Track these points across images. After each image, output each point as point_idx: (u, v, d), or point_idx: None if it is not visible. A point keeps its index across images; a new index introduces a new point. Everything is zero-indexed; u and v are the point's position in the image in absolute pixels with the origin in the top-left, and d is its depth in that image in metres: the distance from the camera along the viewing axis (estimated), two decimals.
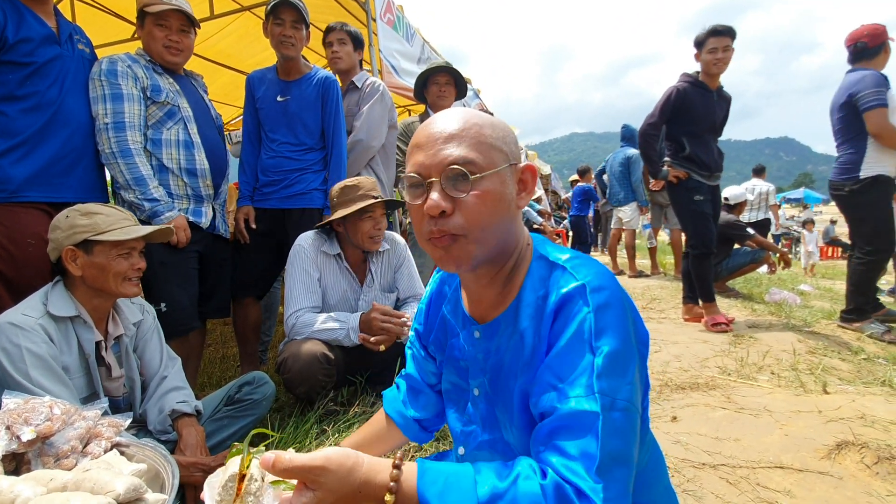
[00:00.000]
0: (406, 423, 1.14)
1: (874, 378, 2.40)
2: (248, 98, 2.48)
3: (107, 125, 1.84)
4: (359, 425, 1.82)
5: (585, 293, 0.73)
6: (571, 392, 0.68)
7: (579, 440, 0.65)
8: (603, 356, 0.69)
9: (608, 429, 0.65)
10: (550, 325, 0.76)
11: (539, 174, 8.76)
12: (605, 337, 0.70)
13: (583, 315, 0.71)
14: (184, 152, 2.03)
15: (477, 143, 0.75)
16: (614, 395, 0.67)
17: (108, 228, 1.37)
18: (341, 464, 0.62)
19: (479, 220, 0.75)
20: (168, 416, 1.43)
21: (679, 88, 3.26)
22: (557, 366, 0.72)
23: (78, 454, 0.88)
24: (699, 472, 1.61)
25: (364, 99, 2.71)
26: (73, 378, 1.28)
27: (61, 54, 1.77)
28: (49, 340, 1.23)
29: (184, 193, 2.04)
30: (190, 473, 1.29)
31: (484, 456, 0.92)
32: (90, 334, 1.37)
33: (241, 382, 1.73)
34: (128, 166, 1.85)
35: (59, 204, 1.76)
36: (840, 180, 3.15)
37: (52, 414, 0.87)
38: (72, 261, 1.35)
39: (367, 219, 2.04)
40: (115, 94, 1.86)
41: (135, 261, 1.43)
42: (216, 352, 3.29)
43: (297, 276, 2.06)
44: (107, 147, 1.84)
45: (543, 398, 0.72)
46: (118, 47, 4.08)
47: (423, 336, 1.10)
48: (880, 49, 3.03)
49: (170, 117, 2.01)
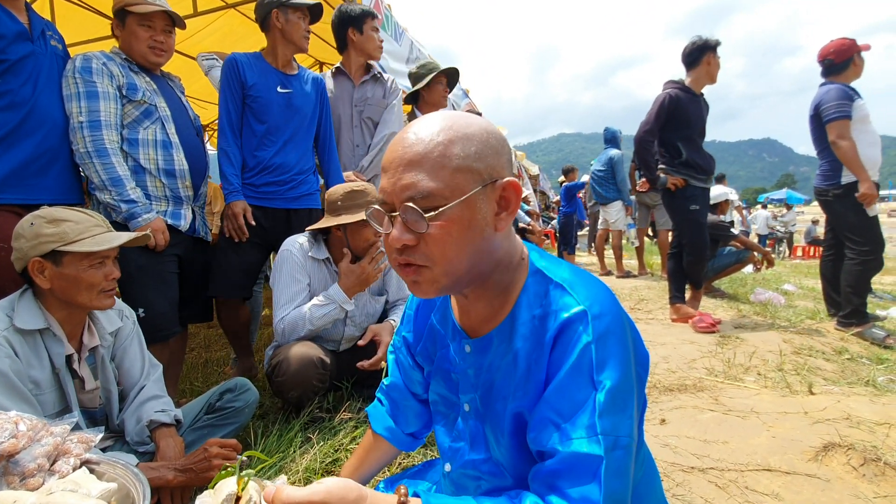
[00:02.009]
0: (396, 436, 1.12)
1: (858, 378, 2.43)
2: (234, 83, 2.23)
3: (81, 124, 1.77)
4: (345, 433, 1.79)
5: (587, 320, 0.70)
6: (573, 433, 0.66)
7: (583, 486, 0.64)
8: (605, 391, 0.66)
9: (610, 471, 0.64)
10: (549, 352, 0.73)
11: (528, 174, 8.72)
12: (607, 370, 0.68)
13: (583, 345, 0.69)
14: (162, 152, 1.96)
15: (439, 170, 0.67)
16: (616, 433, 0.66)
17: (77, 237, 1.26)
18: (343, 497, 0.59)
19: (444, 252, 0.69)
20: (146, 426, 1.38)
21: (672, 94, 3.33)
22: (557, 400, 0.69)
23: (45, 472, 0.83)
24: (688, 477, 1.60)
25: (391, 93, 2.72)
26: (43, 393, 1.21)
27: (34, 51, 1.70)
28: (13, 355, 1.15)
29: (162, 195, 1.98)
30: (160, 476, 1.25)
31: (470, 475, 0.90)
32: (60, 348, 1.28)
33: (223, 390, 1.68)
34: (104, 166, 1.78)
35: (33, 206, 1.71)
36: (824, 186, 3.25)
37: (17, 430, 0.83)
38: (39, 273, 1.25)
39: (370, 226, 1.98)
40: (89, 93, 1.79)
41: (108, 270, 1.33)
42: (199, 356, 3.22)
43: (285, 280, 2.00)
44: (81, 146, 1.77)
45: (543, 436, 0.70)
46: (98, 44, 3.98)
47: (411, 344, 1.06)
48: (847, 64, 3.17)
49: (146, 116, 1.94)
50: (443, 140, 0.68)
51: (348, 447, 1.70)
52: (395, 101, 2.74)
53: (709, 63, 3.33)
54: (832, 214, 3.30)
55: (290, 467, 1.57)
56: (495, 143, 0.72)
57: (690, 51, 3.38)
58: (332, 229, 2.03)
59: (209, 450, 1.31)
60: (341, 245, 2.06)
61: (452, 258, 0.69)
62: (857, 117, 3.05)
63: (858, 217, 3.07)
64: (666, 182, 3.40)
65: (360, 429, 1.81)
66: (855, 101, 3.07)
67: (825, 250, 3.52)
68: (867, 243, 3.07)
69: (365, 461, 1.13)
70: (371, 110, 2.69)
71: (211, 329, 3.88)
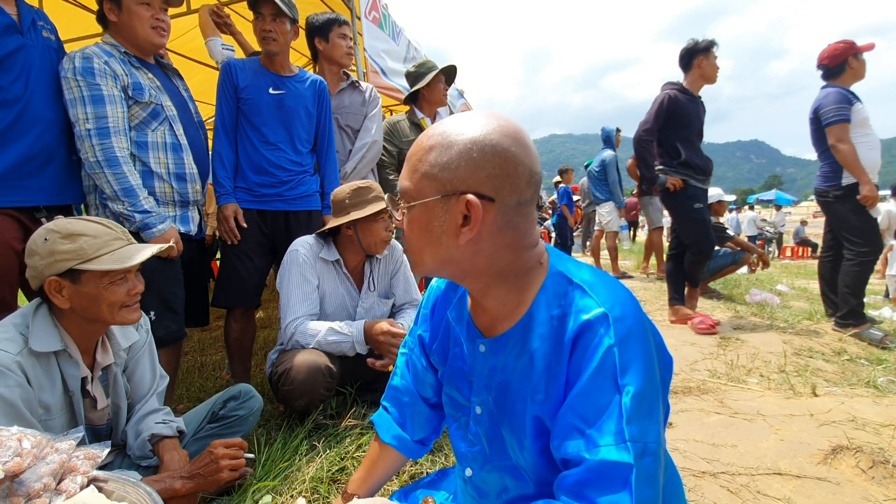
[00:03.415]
0: (404, 444, 1.09)
1: (859, 379, 2.44)
2: (227, 86, 2.26)
3: (89, 132, 1.67)
4: (350, 440, 1.75)
5: (608, 323, 0.68)
6: (601, 440, 0.64)
7: (613, 496, 0.62)
8: (630, 396, 0.64)
9: (641, 478, 0.62)
10: (569, 354, 0.71)
11: None
12: (631, 373, 0.66)
13: (605, 348, 0.67)
14: (172, 156, 1.89)
15: (412, 172, 0.75)
16: (645, 439, 0.64)
17: (96, 254, 1.15)
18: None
19: (410, 244, 0.78)
20: (147, 440, 1.32)
21: (671, 95, 3.36)
22: (581, 406, 0.67)
23: (52, 492, 0.79)
24: (700, 482, 1.59)
25: (370, 103, 2.72)
26: (54, 417, 1.13)
27: (24, 44, 1.60)
28: (25, 383, 1.06)
29: (170, 199, 1.90)
30: (167, 486, 1.20)
31: (494, 478, 0.87)
32: (76, 370, 1.20)
33: (226, 397, 1.63)
34: (115, 176, 1.70)
35: (30, 209, 1.64)
36: (825, 188, 3.27)
37: (21, 448, 0.78)
38: (57, 293, 1.15)
39: (381, 220, 1.97)
40: (95, 97, 1.68)
41: (131, 285, 1.23)
42: (194, 360, 3.15)
43: (295, 282, 1.96)
44: (91, 155, 1.68)
45: (569, 444, 0.67)
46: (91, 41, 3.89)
47: (427, 343, 1.03)
48: (842, 68, 3.20)
49: (154, 118, 1.85)
50: (429, 145, 0.73)
51: (354, 455, 1.66)
52: (375, 110, 2.74)
53: (700, 66, 3.37)
54: (832, 215, 3.32)
55: (297, 476, 1.53)
56: (479, 158, 0.70)
57: (682, 55, 3.44)
58: (342, 229, 2.00)
59: (215, 452, 1.26)
60: (352, 246, 2.03)
61: (416, 251, 0.78)
62: (856, 121, 3.08)
63: (858, 218, 3.09)
64: (665, 182, 3.42)
65: (365, 436, 1.77)
66: (854, 104, 3.10)
67: (824, 251, 3.54)
68: (866, 245, 3.10)
69: (373, 472, 1.11)
70: (349, 118, 2.69)
71: (204, 333, 3.82)
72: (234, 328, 2.33)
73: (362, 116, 2.73)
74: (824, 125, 3.14)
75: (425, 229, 0.74)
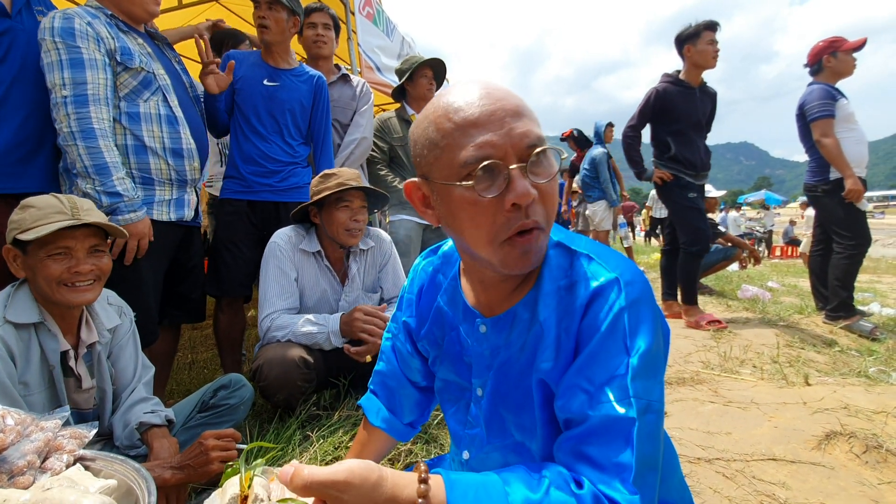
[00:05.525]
0: (393, 427, 1.08)
1: (850, 370, 2.46)
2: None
3: (65, 98, 1.50)
4: (343, 430, 1.73)
5: (619, 287, 0.67)
6: (605, 396, 0.63)
7: (615, 449, 0.61)
8: (639, 356, 0.64)
9: (643, 434, 0.61)
10: (580, 319, 0.70)
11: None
12: (640, 335, 0.65)
13: (617, 310, 0.66)
14: (167, 129, 1.74)
15: (536, 120, 0.68)
16: (649, 396, 0.63)
17: (31, 225, 1.14)
18: (365, 478, 0.55)
19: (554, 209, 0.68)
20: (135, 429, 1.29)
21: (658, 89, 3.32)
22: (588, 367, 0.66)
23: (36, 470, 0.77)
24: (695, 468, 1.59)
25: (361, 98, 2.71)
26: (33, 394, 1.12)
27: (12, 27, 1.54)
28: (6, 356, 1.06)
29: (167, 178, 1.75)
30: (156, 475, 1.17)
31: (493, 459, 0.86)
32: (55, 343, 1.19)
33: (216, 386, 1.60)
34: (88, 150, 1.52)
35: (21, 195, 1.59)
36: (813, 182, 3.31)
37: (4, 425, 0.76)
38: (13, 261, 1.19)
39: (343, 208, 1.92)
40: (73, 61, 1.51)
41: (72, 263, 1.19)
42: (184, 357, 3.11)
43: (272, 275, 1.93)
44: (65, 125, 1.51)
45: (573, 402, 0.66)
46: None
47: (413, 329, 1.02)
48: (820, 66, 3.28)
49: (145, 86, 1.70)
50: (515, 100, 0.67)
51: (348, 445, 1.64)
52: (366, 106, 2.73)
53: (689, 54, 3.28)
54: (821, 209, 3.36)
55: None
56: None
57: (675, 45, 3.37)
58: (312, 217, 2.00)
59: (205, 443, 1.24)
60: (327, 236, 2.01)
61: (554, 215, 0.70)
62: (840, 116, 3.13)
63: (846, 212, 3.12)
64: (652, 175, 3.42)
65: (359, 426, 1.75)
66: (838, 100, 3.14)
67: (814, 245, 3.57)
68: (854, 237, 3.13)
69: (362, 455, 1.09)
70: (337, 112, 2.68)
71: (196, 330, 3.77)
72: (223, 319, 2.31)
73: (351, 111, 2.72)
74: (809, 121, 3.18)
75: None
